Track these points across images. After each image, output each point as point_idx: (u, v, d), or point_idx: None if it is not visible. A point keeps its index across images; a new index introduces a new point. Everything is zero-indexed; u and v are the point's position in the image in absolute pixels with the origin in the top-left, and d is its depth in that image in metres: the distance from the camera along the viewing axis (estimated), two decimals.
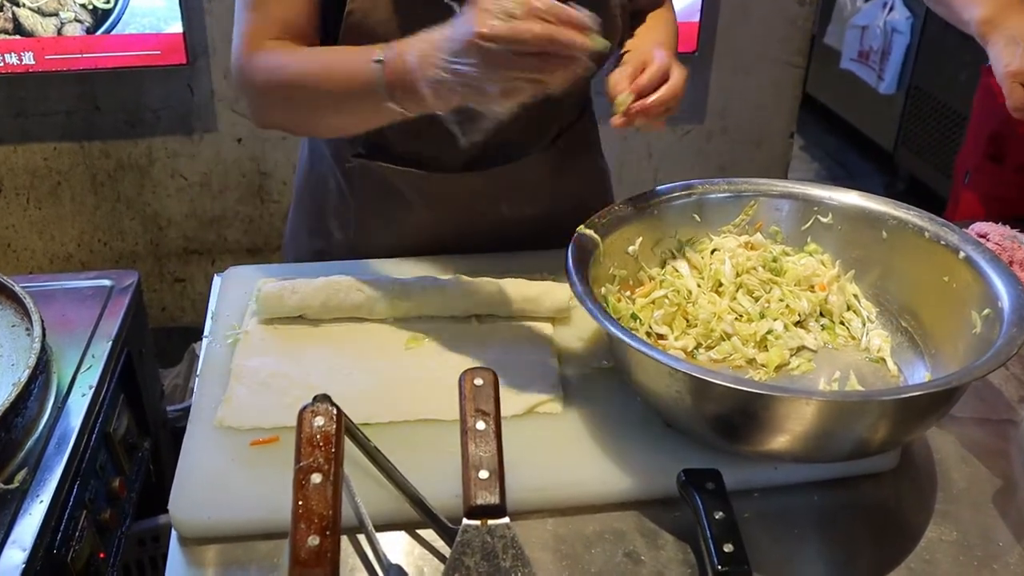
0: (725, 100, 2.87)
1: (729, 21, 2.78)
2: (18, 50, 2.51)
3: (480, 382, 1.04)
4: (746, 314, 1.32)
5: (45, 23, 2.46)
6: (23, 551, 1.20)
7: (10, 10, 2.43)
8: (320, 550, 0.85)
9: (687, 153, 2.87)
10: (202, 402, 1.24)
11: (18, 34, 2.48)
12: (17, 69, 2.53)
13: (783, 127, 2.98)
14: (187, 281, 2.94)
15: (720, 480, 1.05)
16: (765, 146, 2.96)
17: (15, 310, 1.58)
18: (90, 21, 2.48)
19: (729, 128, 2.93)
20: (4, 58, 2.50)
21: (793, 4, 2.80)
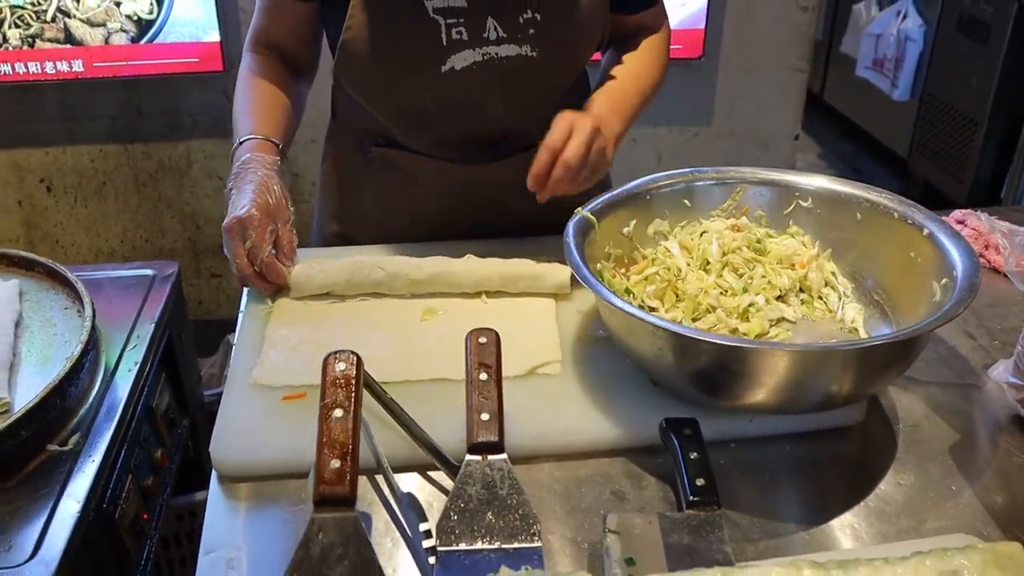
0: (732, 103, 2.95)
1: (734, 27, 2.87)
2: (68, 58, 2.64)
3: (484, 340, 1.18)
4: (730, 289, 1.42)
5: (93, 33, 2.60)
6: (77, 503, 1.33)
7: (62, 21, 2.57)
8: (341, 471, 0.99)
9: (695, 154, 2.97)
10: (239, 364, 1.38)
11: (69, 43, 2.61)
12: (67, 76, 2.66)
13: (788, 129, 3.07)
14: (223, 276, 3.06)
15: (697, 427, 1.17)
16: (771, 147, 3.05)
17: (67, 294, 1.72)
18: (135, 31, 2.61)
19: (736, 130, 3.02)
20: (56, 65, 2.63)
21: (796, 10, 2.89)
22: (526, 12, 1.56)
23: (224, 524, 1.15)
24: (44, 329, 1.65)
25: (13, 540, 1.27)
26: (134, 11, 2.59)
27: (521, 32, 1.57)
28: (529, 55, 1.58)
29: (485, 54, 1.57)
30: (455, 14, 1.54)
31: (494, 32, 1.56)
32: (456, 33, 1.55)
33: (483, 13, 1.55)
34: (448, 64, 1.57)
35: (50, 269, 1.77)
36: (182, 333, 1.96)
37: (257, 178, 1.54)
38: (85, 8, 2.57)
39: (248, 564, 1.08)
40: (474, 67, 1.58)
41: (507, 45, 1.57)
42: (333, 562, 0.95)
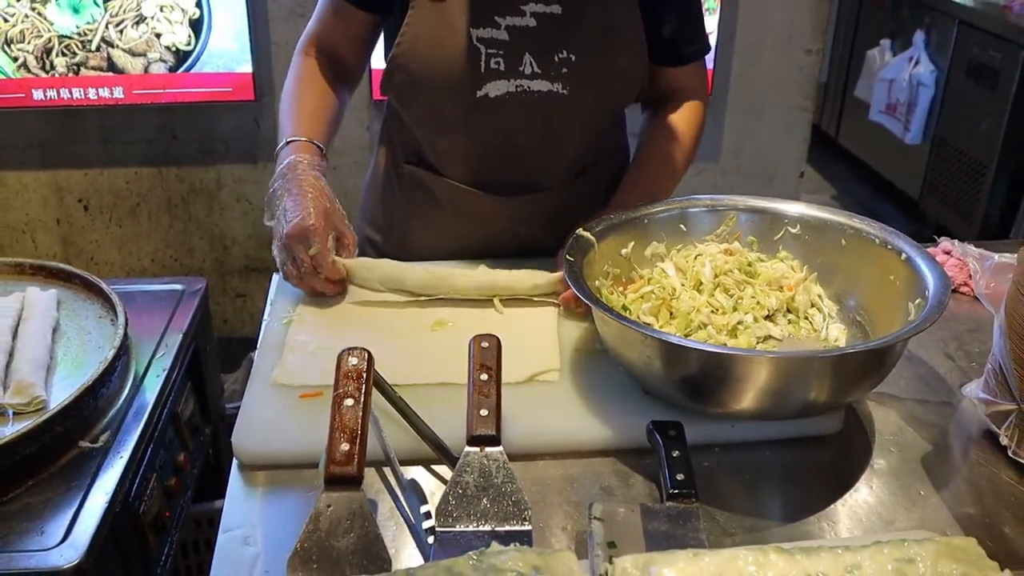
0: (738, 140, 3.03)
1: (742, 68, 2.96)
2: (110, 85, 2.75)
3: (486, 344, 1.27)
4: (721, 308, 1.49)
5: (134, 62, 2.71)
6: (106, 495, 1.41)
7: (105, 50, 2.68)
8: (350, 453, 1.08)
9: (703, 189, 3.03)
10: (261, 365, 1.48)
11: (111, 71, 2.73)
12: (108, 102, 2.78)
13: (793, 165, 3.15)
14: (247, 296, 3.15)
15: (681, 429, 1.25)
16: (776, 183, 3.13)
17: (102, 304, 1.81)
18: (173, 61, 2.72)
19: (742, 166, 3.10)
20: (98, 92, 2.75)
21: (801, 53, 2.98)
22: (561, 52, 1.67)
23: (242, 507, 1.24)
24: (79, 336, 1.74)
25: (46, 526, 1.35)
26: (173, 42, 2.70)
27: (555, 70, 1.68)
28: (560, 92, 1.69)
29: (519, 86, 1.68)
30: (496, 45, 1.65)
31: (529, 67, 1.67)
32: (495, 63, 1.66)
33: (522, 48, 1.66)
34: (483, 90, 1.68)
35: (86, 281, 1.85)
36: (207, 346, 2.04)
37: (310, 182, 1.62)
38: (127, 39, 2.68)
39: (262, 541, 1.17)
40: (507, 96, 1.69)
41: (540, 80, 1.69)
42: (340, 535, 1.04)
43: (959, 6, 4.40)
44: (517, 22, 1.66)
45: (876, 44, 5.05)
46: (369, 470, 1.19)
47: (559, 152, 1.80)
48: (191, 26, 2.71)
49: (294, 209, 1.59)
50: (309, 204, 1.59)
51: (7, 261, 1.94)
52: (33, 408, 1.53)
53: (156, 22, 2.71)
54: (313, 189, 1.62)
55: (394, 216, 1.93)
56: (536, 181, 1.82)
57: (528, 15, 1.65)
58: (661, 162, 1.80)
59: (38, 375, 1.58)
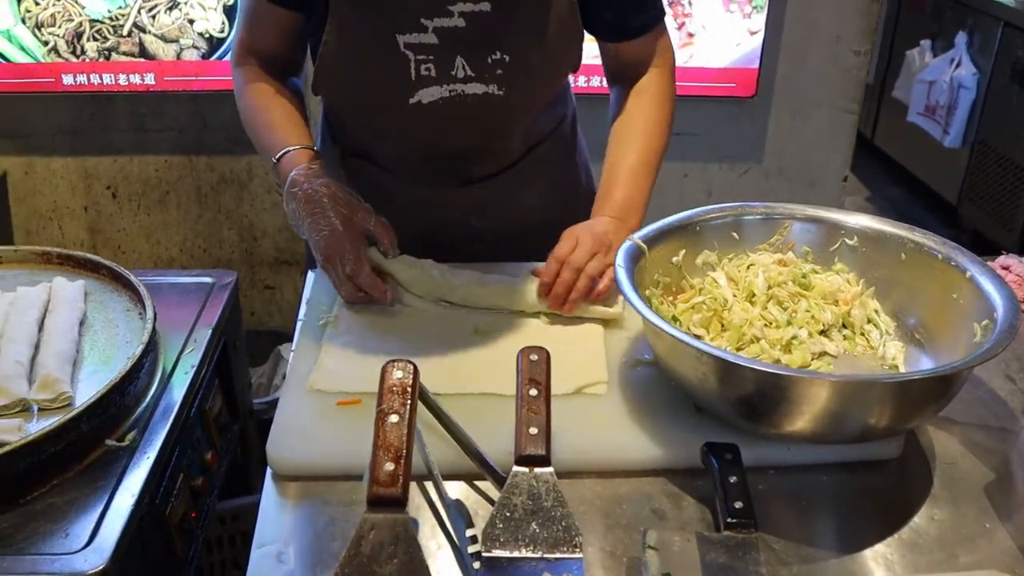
0: (782, 142, 2.98)
1: (788, 68, 2.90)
2: (141, 71, 2.72)
3: (535, 358, 1.22)
4: (775, 321, 1.45)
5: (166, 48, 2.68)
6: (132, 497, 1.37)
7: (137, 36, 2.65)
8: (394, 474, 1.03)
9: (745, 192, 3.00)
10: (296, 369, 1.43)
11: (142, 57, 2.69)
12: (139, 88, 2.74)
13: (837, 170, 3.09)
14: (276, 288, 3.12)
15: (737, 452, 1.20)
16: (819, 187, 3.07)
17: (130, 297, 1.77)
18: (205, 48, 2.69)
19: (785, 169, 3.05)
20: (129, 78, 2.71)
21: (849, 53, 2.91)
22: (495, 53, 1.60)
23: (276, 520, 1.21)
24: (106, 329, 1.70)
25: (70, 528, 1.31)
26: (206, 29, 2.67)
27: (489, 72, 1.61)
28: (495, 94, 1.63)
29: (452, 91, 1.62)
30: (425, 51, 1.59)
31: (462, 71, 1.60)
32: (425, 69, 1.60)
33: (453, 52, 1.59)
34: (415, 98, 1.62)
35: (114, 272, 1.82)
36: (237, 340, 2.00)
37: (321, 192, 1.58)
38: (160, 24, 2.65)
39: (296, 559, 1.13)
40: (440, 102, 1.62)
41: (474, 84, 1.62)
42: (383, 560, 0.99)
43: (1004, 7, 4.33)
44: (445, 23, 1.57)
45: (916, 45, 4.98)
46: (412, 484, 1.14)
47: (501, 148, 1.75)
48: (225, 13, 2.67)
49: (315, 230, 1.57)
50: (330, 220, 1.56)
51: (34, 249, 1.92)
52: (59, 404, 1.50)
53: (189, 8, 2.68)
54: (326, 199, 1.57)
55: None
56: (481, 174, 1.77)
57: (456, 15, 1.57)
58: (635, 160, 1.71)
59: (64, 370, 1.55)
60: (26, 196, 2.98)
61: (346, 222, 1.56)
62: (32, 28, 2.66)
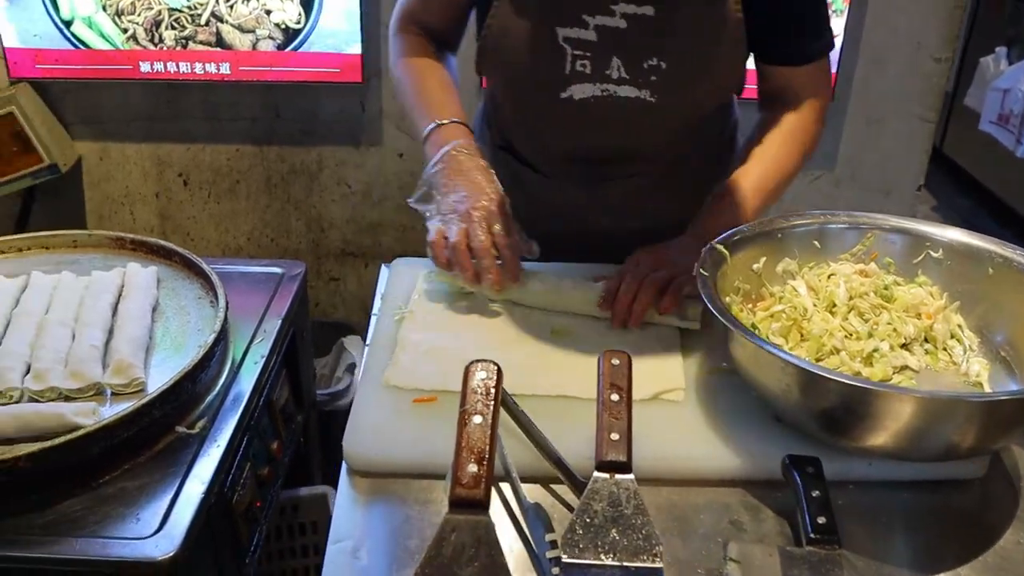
0: (856, 149, 2.93)
1: (866, 72, 2.84)
2: (217, 61, 2.74)
3: (617, 362, 1.20)
4: (855, 333, 1.42)
5: (243, 38, 2.69)
6: (202, 484, 1.38)
7: (215, 25, 2.67)
8: (477, 475, 1.02)
9: (816, 197, 2.96)
10: (372, 365, 1.43)
11: (219, 47, 2.70)
12: (214, 77, 2.76)
13: (912, 179, 3.04)
14: (341, 280, 3.13)
15: (819, 466, 1.18)
16: (893, 196, 3.02)
17: (201, 285, 1.78)
18: (281, 39, 2.69)
19: (858, 176, 3.00)
20: (205, 67, 2.73)
21: (929, 60, 2.86)
22: (652, 59, 1.58)
23: (351, 516, 1.20)
24: (178, 316, 1.71)
25: (141, 513, 1.32)
26: (283, 20, 2.68)
27: (643, 77, 1.59)
28: (647, 100, 1.61)
29: (604, 91, 1.61)
30: (583, 47, 1.58)
31: (617, 72, 1.59)
32: (580, 65, 1.59)
33: (610, 52, 1.58)
34: (568, 92, 1.61)
35: (187, 259, 1.83)
36: (304, 332, 2.01)
37: (483, 169, 1.59)
38: (237, 14, 2.66)
39: (371, 557, 1.13)
40: (591, 100, 1.61)
41: (627, 86, 1.60)
42: (464, 563, 0.98)
43: None
44: (607, 22, 1.56)
45: (991, 51, 4.89)
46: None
47: (645, 153, 1.73)
48: (302, 4, 2.68)
49: (475, 190, 1.56)
50: (495, 190, 1.57)
51: (108, 235, 1.94)
52: (132, 389, 1.51)
53: None
54: (487, 173, 1.59)
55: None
56: (622, 175, 1.75)
57: (618, 15, 1.56)
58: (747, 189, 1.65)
59: (138, 356, 1.56)
60: (100, 181, 3.02)
61: (502, 203, 1.57)
62: (112, 16, 2.69)
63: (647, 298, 1.52)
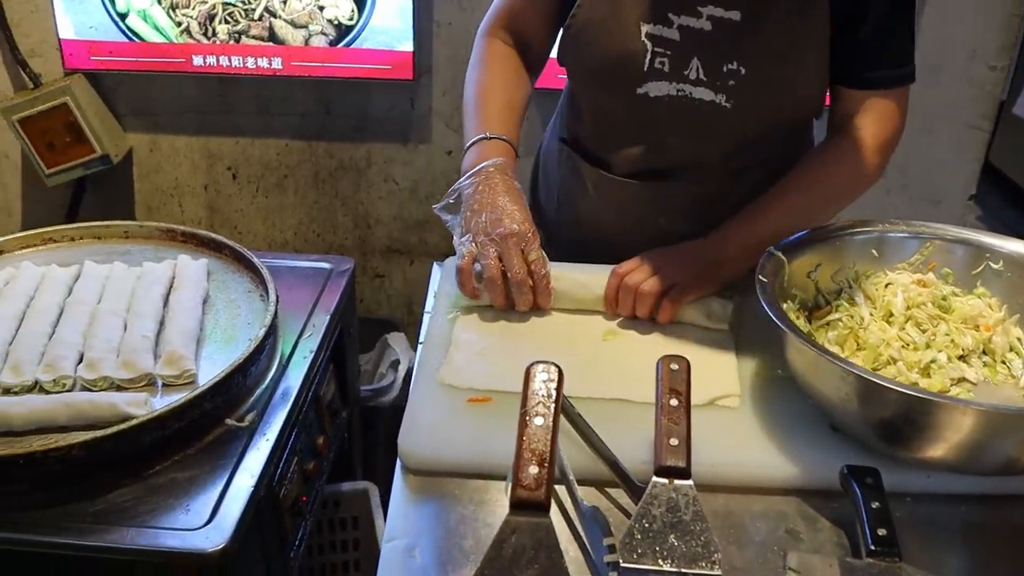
0: (907, 157, 2.88)
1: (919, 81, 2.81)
2: (269, 55, 2.75)
3: (676, 367, 1.20)
4: (912, 343, 1.41)
5: (295, 34, 2.70)
6: (252, 478, 1.39)
7: (268, 20, 2.68)
8: (539, 477, 1.02)
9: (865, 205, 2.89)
10: (426, 363, 1.43)
11: (271, 41, 2.72)
12: (266, 72, 2.77)
13: (962, 188, 3.00)
14: (386, 277, 3.13)
15: (878, 477, 1.17)
16: (944, 206, 2.98)
17: (251, 278, 1.79)
18: (334, 35, 2.70)
19: (909, 185, 2.96)
20: (257, 61, 2.74)
21: (984, 68, 2.83)
22: (732, 63, 1.57)
23: (405, 514, 1.20)
24: (228, 309, 1.73)
25: (191, 504, 1.33)
26: (336, 16, 2.68)
27: (721, 80, 1.58)
28: (722, 104, 1.59)
29: (680, 91, 1.60)
30: (664, 45, 1.57)
31: (695, 73, 1.58)
32: (659, 63, 1.58)
33: (691, 52, 1.57)
34: (644, 88, 1.61)
35: (237, 252, 1.84)
36: (351, 328, 2.02)
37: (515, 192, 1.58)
38: (291, 10, 2.67)
39: (427, 556, 1.13)
40: (666, 99, 1.61)
41: (703, 89, 1.59)
42: (523, 565, 0.98)
43: None
44: (691, 23, 1.56)
45: None
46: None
47: (713, 159, 1.71)
48: (355, 1, 2.68)
49: (506, 212, 1.54)
50: (525, 216, 1.55)
51: (159, 226, 1.95)
52: (183, 381, 1.53)
53: None
54: (519, 198, 1.58)
55: (552, 196, 1.88)
56: (683, 177, 1.73)
57: (704, 17, 1.55)
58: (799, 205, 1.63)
59: (189, 347, 1.57)
60: (149, 172, 3.04)
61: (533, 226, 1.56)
62: (167, 9, 2.71)
63: (646, 309, 1.53)
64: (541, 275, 1.53)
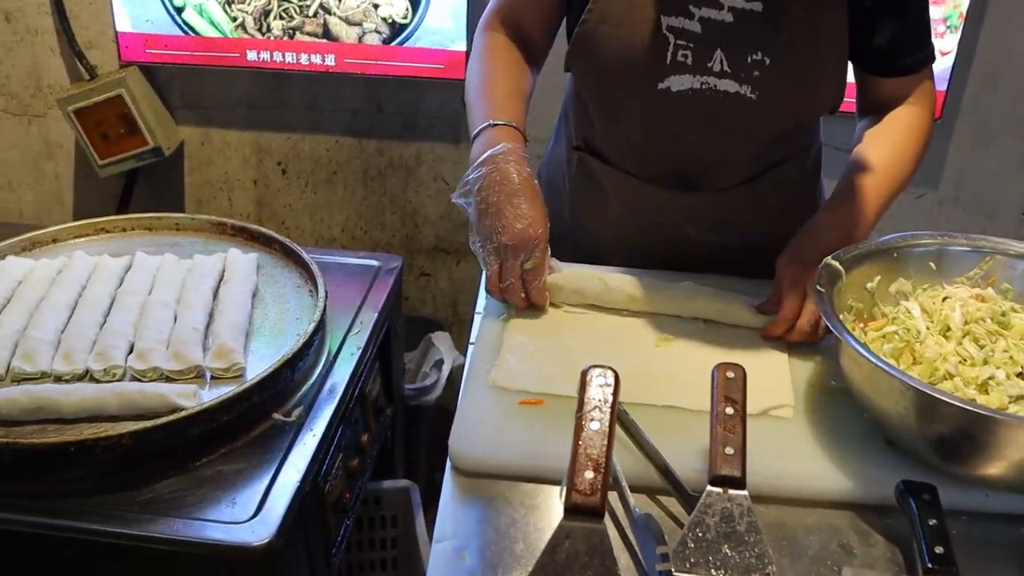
0: (961, 169, 2.85)
1: (977, 91, 2.76)
2: (323, 52, 2.76)
3: (732, 375, 1.19)
4: (970, 359, 1.38)
5: (349, 31, 2.71)
6: (298, 473, 1.39)
7: (322, 17, 2.69)
8: (594, 483, 1.01)
9: (916, 216, 2.88)
10: (477, 364, 1.43)
11: (325, 38, 2.73)
12: (319, 68, 2.78)
13: (1016, 202, 2.94)
14: (432, 276, 3.13)
15: (935, 493, 1.15)
16: (997, 219, 2.93)
17: (300, 273, 1.80)
18: (387, 33, 2.70)
19: (962, 197, 2.92)
20: (310, 58, 2.76)
21: None
22: (756, 53, 1.55)
23: (456, 516, 1.19)
24: (277, 304, 1.73)
25: (237, 497, 1.34)
26: (390, 14, 2.69)
27: (745, 71, 1.56)
28: (747, 96, 1.57)
29: (704, 83, 1.57)
30: (686, 36, 1.55)
31: (719, 65, 1.56)
32: (682, 56, 1.56)
33: (714, 44, 1.55)
34: (665, 83, 1.58)
35: (286, 247, 1.86)
36: (397, 326, 2.02)
37: (524, 178, 1.54)
38: (346, 7, 2.68)
39: (476, 559, 1.12)
40: (690, 93, 1.58)
41: (728, 80, 1.57)
42: (577, 570, 0.97)
43: None
44: (713, 15, 1.54)
45: None
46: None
47: (737, 155, 1.68)
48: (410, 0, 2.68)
49: (514, 214, 1.51)
50: (532, 211, 1.52)
51: (210, 219, 1.97)
52: (231, 374, 1.54)
53: None
54: (529, 190, 1.54)
55: (566, 204, 1.85)
56: (708, 181, 1.70)
57: (726, 8, 1.53)
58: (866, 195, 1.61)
59: (238, 341, 1.58)
60: (200, 166, 3.06)
61: (543, 221, 1.53)
62: (223, 4, 2.73)
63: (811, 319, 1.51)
64: (532, 286, 1.53)
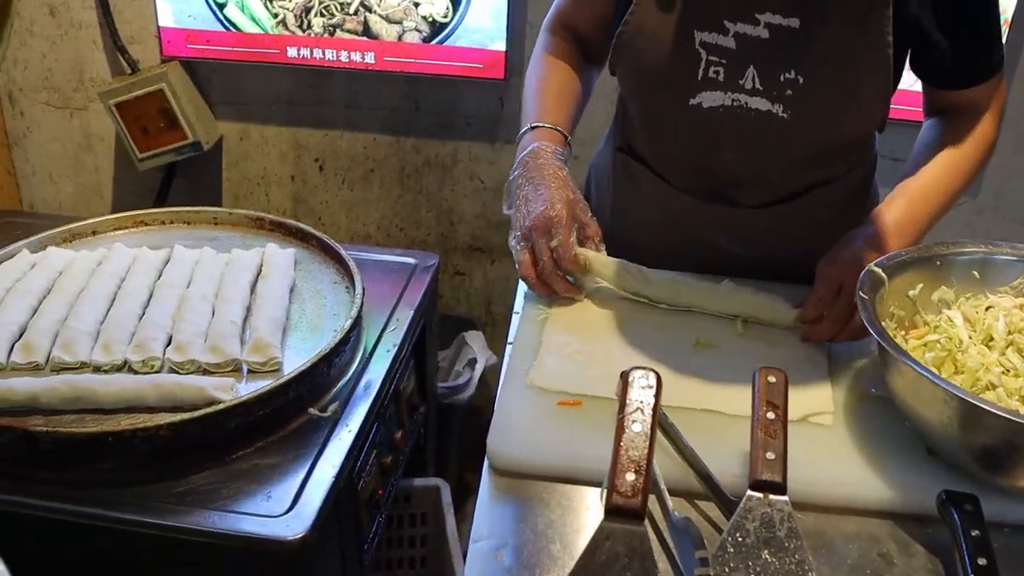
0: (1002, 178, 2.81)
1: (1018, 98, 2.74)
2: (363, 50, 2.76)
3: (773, 380, 1.18)
4: (1014, 369, 1.36)
5: (389, 29, 2.71)
6: (333, 468, 1.40)
7: (363, 15, 2.69)
8: (635, 485, 1.01)
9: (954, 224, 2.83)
10: (515, 364, 1.42)
11: (365, 36, 2.73)
12: (358, 66, 2.78)
13: None
14: (466, 275, 3.13)
15: (978, 504, 1.14)
16: None
17: (337, 269, 1.81)
18: (427, 31, 2.71)
19: (1002, 207, 2.88)
20: (350, 55, 2.76)
21: None
22: (789, 72, 1.52)
23: (493, 516, 1.19)
24: (314, 299, 1.74)
25: (272, 491, 1.35)
26: (430, 13, 2.69)
27: (778, 89, 1.53)
28: (779, 115, 1.54)
29: (735, 100, 1.55)
30: (719, 53, 1.53)
31: (751, 82, 1.54)
32: (713, 72, 1.54)
33: (747, 61, 1.53)
34: (697, 99, 1.57)
35: (324, 244, 1.86)
36: (432, 324, 2.02)
37: (552, 171, 1.58)
38: (386, 5, 2.68)
39: (514, 558, 1.12)
40: (721, 110, 1.56)
41: (759, 99, 1.54)
42: (617, 571, 0.97)
43: None
44: (748, 30, 1.51)
45: None
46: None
47: (771, 174, 1.65)
48: None
49: (536, 199, 1.55)
50: (553, 193, 1.54)
51: (248, 214, 1.98)
52: (268, 368, 1.55)
53: None
54: (555, 179, 1.57)
55: (607, 203, 1.84)
56: (742, 196, 1.68)
57: (762, 25, 1.50)
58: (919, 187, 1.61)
59: (275, 335, 1.59)
60: (238, 161, 3.07)
61: (565, 203, 1.55)
62: (264, 1, 2.74)
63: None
64: (566, 259, 1.55)
